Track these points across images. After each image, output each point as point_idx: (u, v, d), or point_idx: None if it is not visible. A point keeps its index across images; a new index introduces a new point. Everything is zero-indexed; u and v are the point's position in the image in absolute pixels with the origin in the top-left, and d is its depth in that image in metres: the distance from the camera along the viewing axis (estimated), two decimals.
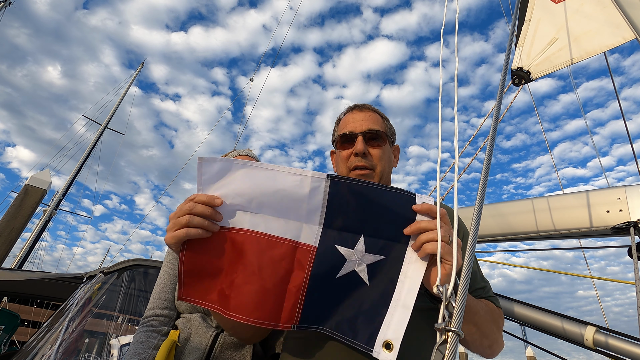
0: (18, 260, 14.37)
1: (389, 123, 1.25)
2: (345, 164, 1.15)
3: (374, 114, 1.21)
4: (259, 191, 0.81)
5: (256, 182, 0.81)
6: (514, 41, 2.47)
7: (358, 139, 1.13)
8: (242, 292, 0.80)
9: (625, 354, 1.42)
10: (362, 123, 1.16)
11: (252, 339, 1.14)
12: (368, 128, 1.15)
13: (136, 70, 22.13)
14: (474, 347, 0.95)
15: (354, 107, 1.25)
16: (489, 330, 0.93)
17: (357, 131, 1.15)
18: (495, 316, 0.99)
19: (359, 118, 1.18)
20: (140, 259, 3.57)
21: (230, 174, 0.81)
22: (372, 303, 0.78)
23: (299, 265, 0.82)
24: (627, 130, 2.49)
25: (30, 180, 9.52)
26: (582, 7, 2.22)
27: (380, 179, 1.14)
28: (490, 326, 0.94)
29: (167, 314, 1.29)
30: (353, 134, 1.15)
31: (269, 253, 0.82)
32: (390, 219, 0.79)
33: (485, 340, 0.93)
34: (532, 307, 1.75)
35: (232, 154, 1.56)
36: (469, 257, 0.65)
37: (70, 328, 3.22)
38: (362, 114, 1.19)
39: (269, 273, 0.81)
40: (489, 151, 0.78)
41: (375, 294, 0.79)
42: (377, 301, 0.78)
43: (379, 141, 1.15)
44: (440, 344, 0.56)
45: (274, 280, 0.80)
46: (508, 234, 1.95)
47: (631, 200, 1.58)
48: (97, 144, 18.53)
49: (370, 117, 1.19)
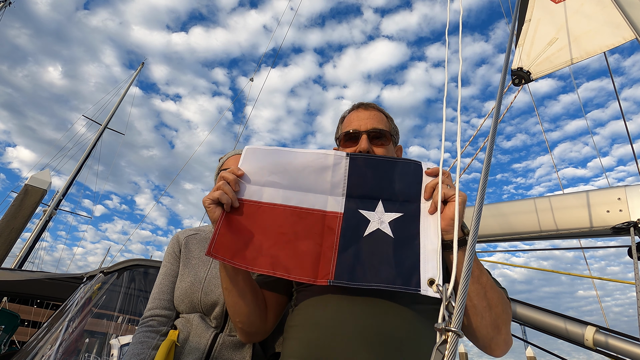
0: (18, 260, 14.37)
1: (393, 123, 1.24)
2: None
3: (379, 113, 1.20)
4: (291, 170, 0.95)
5: (288, 162, 0.96)
6: (514, 41, 2.47)
7: (362, 138, 1.13)
8: (280, 255, 0.90)
9: (625, 354, 1.41)
10: (366, 122, 1.16)
11: (253, 338, 1.13)
12: (372, 127, 1.15)
13: (136, 70, 22.14)
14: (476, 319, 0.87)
15: (359, 105, 1.24)
16: (496, 303, 0.87)
17: (362, 130, 1.14)
18: (504, 295, 0.93)
19: (364, 116, 1.18)
20: (140, 259, 3.57)
21: (267, 158, 0.97)
22: (403, 252, 0.87)
23: (328, 230, 0.93)
24: (627, 130, 2.49)
25: (30, 180, 9.52)
26: (582, 7, 2.22)
27: None
28: (499, 300, 0.88)
29: (166, 314, 1.29)
30: (357, 132, 1.15)
31: (302, 222, 0.94)
32: (403, 184, 0.94)
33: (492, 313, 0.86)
34: (532, 307, 1.74)
35: (228, 154, 1.55)
36: (469, 257, 0.65)
37: (70, 328, 3.22)
38: (367, 113, 1.19)
39: (303, 238, 0.92)
40: (489, 151, 0.78)
41: (403, 244, 0.88)
42: (407, 250, 0.87)
43: (383, 140, 1.15)
44: (440, 344, 0.56)
45: (308, 243, 0.92)
46: (508, 234, 1.95)
47: (631, 200, 1.57)
48: (97, 144, 18.53)
49: (375, 116, 1.18)
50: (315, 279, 0.87)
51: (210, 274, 1.30)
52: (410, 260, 0.85)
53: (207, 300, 1.25)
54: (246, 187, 0.96)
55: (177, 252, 1.39)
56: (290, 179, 0.96)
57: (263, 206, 0.95)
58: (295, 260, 0.89)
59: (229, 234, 0.90)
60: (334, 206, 0.95)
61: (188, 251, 1.38)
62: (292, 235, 0.92)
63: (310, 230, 0.93)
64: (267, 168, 0.96)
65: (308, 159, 0.95)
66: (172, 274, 1.35)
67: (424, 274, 0.82)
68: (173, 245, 1.42)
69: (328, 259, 0.89)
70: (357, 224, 0.92)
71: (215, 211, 0.92)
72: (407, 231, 0.89)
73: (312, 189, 0.96)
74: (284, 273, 0.88)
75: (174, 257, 1.39)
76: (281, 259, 0.89)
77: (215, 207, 0.92)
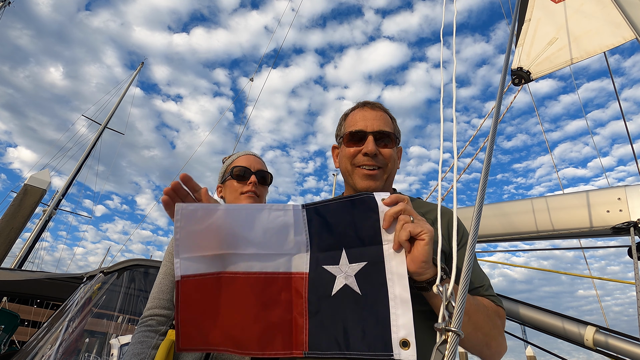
0: (18, 260, 14.36)
1: (396, 123, 1.23)
2: (350, 161, 1.13)
3: (385, 114, 1.18)
4: (247, 232, 0.85)
5: (241, 223, 0.85)
6: (513, 41, 2.47)
7: (369, 139, 1.10)
8: (252, 330, 0.83)
9: (625, 354, 1.41)
10: (373, 122, 1.13)
11: None
12: (380, 128, 1.12)
13: (136, 70, 22.13)
14: (463, 344, 0.91)
15: (364, 104, 1.21)
16: (482, 325, 0.90)
17: (368, 130, 1.11)
18: (490, 313, 0.95)
19: (370, 116, 1.15)
20: (140, 259, 3.57)
21: (213, 219, 0.83)
22: (372, 310, 0.79)
23: (296, 293, 0.85)
24: (627, 130, 2.49)
25: (29, 180, 9.51)
26: (582, 7, 2.22)
27: (387, 179, 1.13)
28: (485, 321, 0.90)
29: (166, 313, 1.29)
30: (364, 132, 1.12)
31: (269, 290, 0.85)
32: (361, 225, 0.84)
33: (478, 334, 0.89)
34: (532, 307, 1.74)
35: (233, 157, 1.57)
36: (469, 257, 0.65)
37: (70, 328, 3.22)
38: (373, 113, 1.16)
39: (273, 307, 0.84)
40: (489, 151, 0.78)
41: (371, 299, 0.80)
42: (376, 306, 0.79)
43: (388, 142, 1.13)
44: (440, 344, 0.56)
45: (278, 312, 0.84)
46: (508, 234, 1.95)
47: (631, 200, 1.57)
48: (96, 144, 18.52)
49: (382, 117, 1.16)
50: (291, 351, 0.81)
51: None
52: (380, 320, 0.77)
53: None
54: (197, 260, 0.84)
55: None
56: (248, 242, 0.85)
57: (223, 277, 0.85)
58: (268, 334, 0.82)
59: (192, 320, 0.83)
60: (299, 265, 0.87)
61: None
62: (260, 306, 0.84)
63: (278, 297, 0.85)
64: (216, 231, 0.84)
65: (264, 216, 0.85)
66: (171, 273, 1.35)
67: (395, 335, 0.75)
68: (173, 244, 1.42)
69: (300, 328, 0.82)
70: (324, 283, 0.84)
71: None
72: (374, 283, 0.81)
73: (274, 249, 0.87)
74: (259, 351, 0.81)
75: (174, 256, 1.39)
76: (253, 336, 0.82)
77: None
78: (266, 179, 1.52)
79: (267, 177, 1.53)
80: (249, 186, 1.45)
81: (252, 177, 1.47)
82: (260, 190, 1.48)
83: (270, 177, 1.54)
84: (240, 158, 1.53)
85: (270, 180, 1.55)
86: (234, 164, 1.51)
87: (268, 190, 1.56)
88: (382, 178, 1.11)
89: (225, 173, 1.54)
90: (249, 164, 1.50)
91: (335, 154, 1.26)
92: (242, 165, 1.49)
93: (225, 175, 1.53)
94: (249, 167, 1.49)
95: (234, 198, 1.46)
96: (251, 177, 1.47)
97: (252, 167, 1.50)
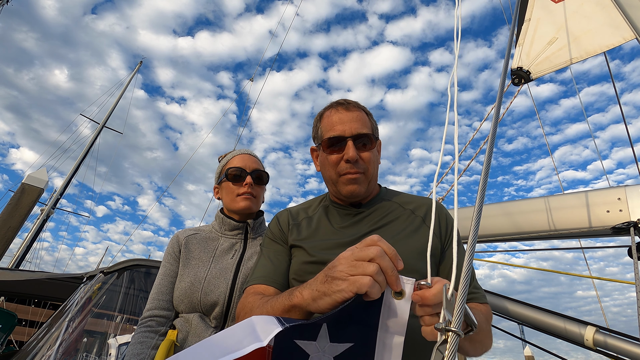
0: (15, 260, 14.31)
1: (372, 119, 1.19)
2: (335, 169, 1.10)
3: (361, 113, 1.13)
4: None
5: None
6: (513, 41, 2.47)
7: (348, 145, 1.07)
8: None
9: (625, 354, 1.42)
10: (350, 125, 1.09)
11: None
12: (357, 131, 1.08)
13: (135, 68, 22.09)
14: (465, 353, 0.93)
15: (337, 104, 1.16)
16: (482, 338, 0.92)
17: (347, 135, 1.08)
18: (488, 320, 0.96)
19: (347, 119, 1.10)
20: (140, 259, 3.56)
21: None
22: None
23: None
24: (628, 132, 2.49)
25: (27, 179, 9.48)
26: (582, 7, 2.22)
27: (370, 182, 1.12)
28: (485, 335, 0.93)
29: (165, 314, 1.29)
30: (342, 137, 1.08)
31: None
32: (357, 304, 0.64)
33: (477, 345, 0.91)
34: (531, 306, 1.74)
35: (228, 157, 1.54)
36: (469, 257, 0.65)
37: (70, 328, 3.22)
38: (349, 114, 1.11)
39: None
40: (489, 151, 0.77)
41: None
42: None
43: (367, 143, 1.10)
44: (440, 344, 0.56)
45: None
46: (508, 234, 1.95)
47: (631, 200, 1.58)
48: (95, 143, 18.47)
49: (358, 117, 1.11)
50: None
51: (210, 274, 1.30)
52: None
53: (206, 300, 1.25)
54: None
55: (177, 252, 1.39)
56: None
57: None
58: None
59: None
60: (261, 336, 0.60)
61: (188, 251, 1.38)
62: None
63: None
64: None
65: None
66: (171, 274, 1.35)
67: None
68: (173, 245, 1.41)
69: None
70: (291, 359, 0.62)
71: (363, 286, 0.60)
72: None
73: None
74: None
75: (173, 257, 1.38)
76: None
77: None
78: (262, 179, 1.49)
79: (263, 177, 1.49)
80: (244, 187, 1.42)
81: (247, 177, 1.43)
82: (256, 191, 1.46)
83: (266, 176, 1.51)
84: (235, 158, 1.49)
85: (267, 179, 1.51)
86: (228, 165, 1.48)
87: (265, 189, 1.53)
88: (365, 181, 1.10)
89: (220, 174, 1.52)
90: (244, 164, 1.46)
91: (315, 156, 1.23)
92: (237, 165, 1.46)
93: (220, 177, 1.51)
94: (244, 167, 1.45)
95: (230, 200, 1.44)
96: (247, 178, 1.43)
97: (248, 167, 1.46)
